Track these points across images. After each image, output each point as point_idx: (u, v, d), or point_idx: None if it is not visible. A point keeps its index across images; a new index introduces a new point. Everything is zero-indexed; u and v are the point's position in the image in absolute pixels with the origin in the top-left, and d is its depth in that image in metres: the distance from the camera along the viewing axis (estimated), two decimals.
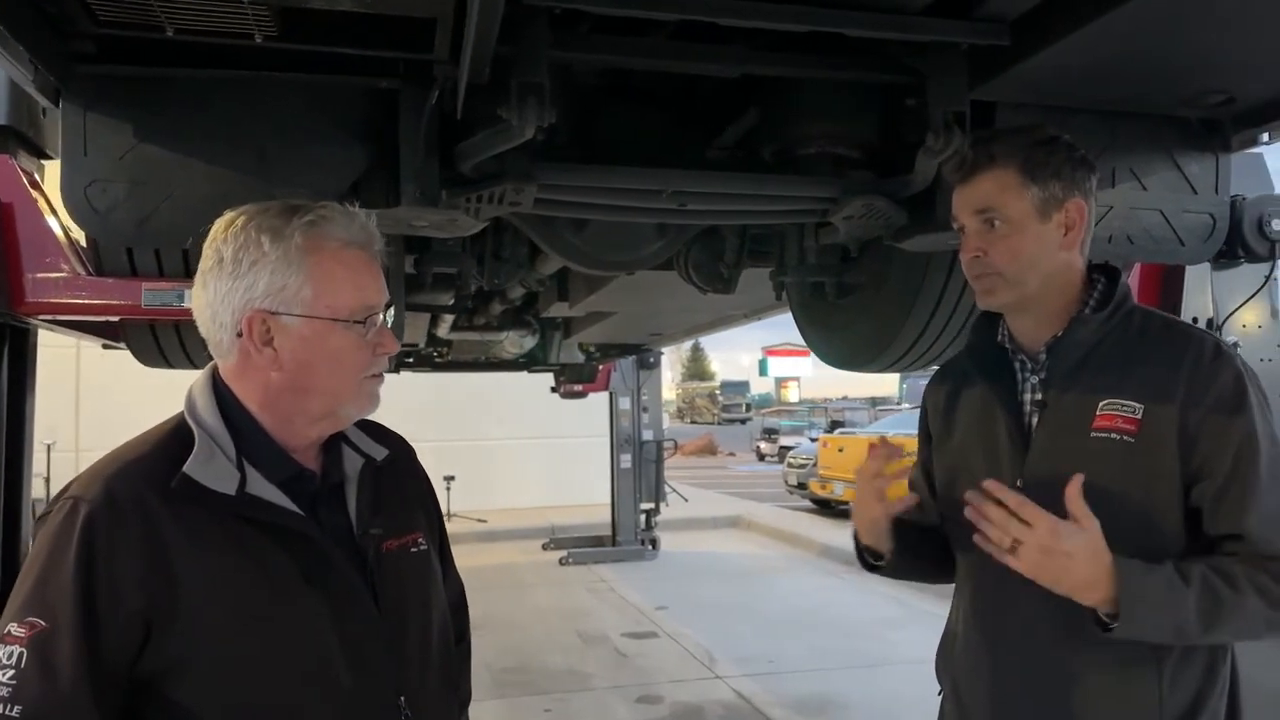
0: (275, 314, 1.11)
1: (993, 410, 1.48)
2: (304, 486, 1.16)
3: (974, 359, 1.55)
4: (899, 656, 5.94)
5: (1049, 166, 1.39)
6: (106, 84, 1.68)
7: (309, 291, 1.11)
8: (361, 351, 1.15)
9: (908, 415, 16.71)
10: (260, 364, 1.12)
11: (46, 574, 1.02)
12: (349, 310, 1.13)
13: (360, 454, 1.24)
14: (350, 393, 1.16)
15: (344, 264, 1.14)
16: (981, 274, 1.42)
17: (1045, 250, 1.40)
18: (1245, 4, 1.53)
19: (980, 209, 1.41)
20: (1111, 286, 1.44)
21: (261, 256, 1.10)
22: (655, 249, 2.58)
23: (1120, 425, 1.33)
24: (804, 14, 1.60)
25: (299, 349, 1.12)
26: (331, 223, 1.14)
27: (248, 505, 1.09)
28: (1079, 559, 1.24)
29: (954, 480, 1.54)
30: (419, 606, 1.24)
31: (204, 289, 1.14)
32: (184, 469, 1.06)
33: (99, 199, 1.71)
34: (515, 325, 5.41)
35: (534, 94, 1.60)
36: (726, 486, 17.01)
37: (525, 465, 12.25)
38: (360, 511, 1.20)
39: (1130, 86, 1.86)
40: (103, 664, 1.00)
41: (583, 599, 7.82)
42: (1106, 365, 1.39)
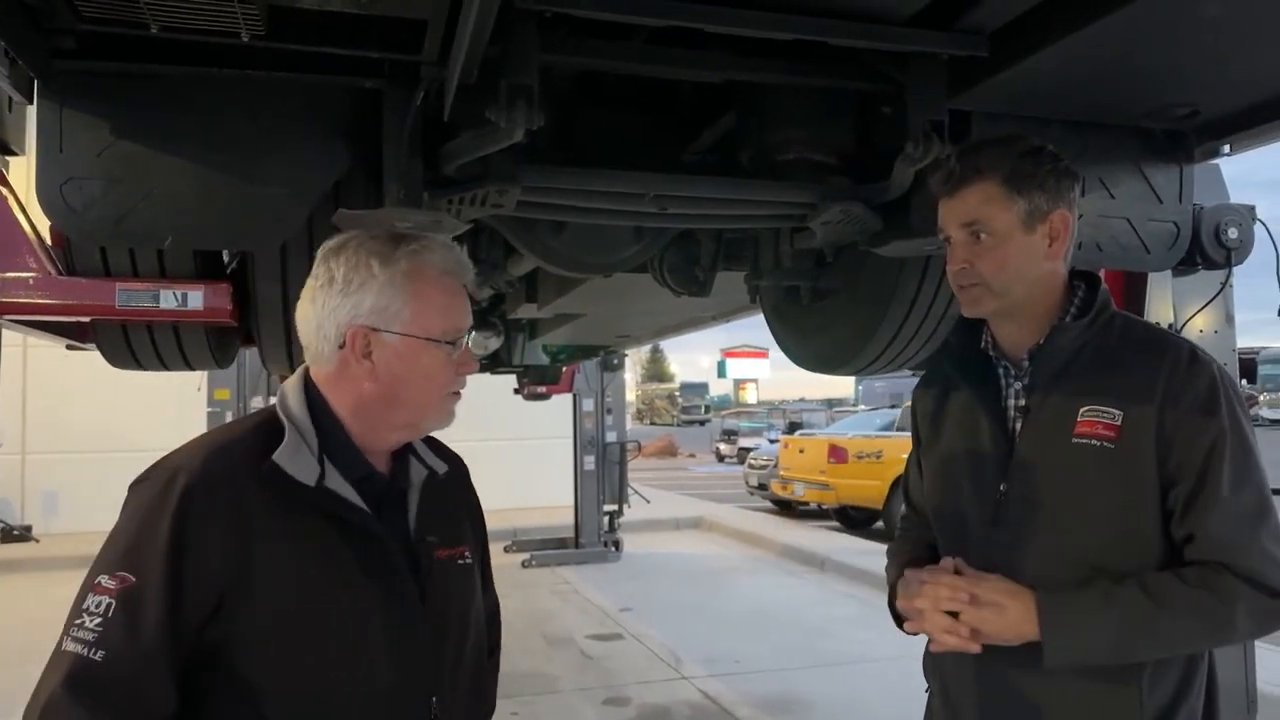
0: (377, 330, 1.21)
1: (977, 416, 1.51)
2: (373, 487, 1.25)
3: (957, 365, 1.58)
4: (862, 655, 6.02)
5: (1034, 179, 1.40)
6: (83, 80, 1.65)
7: (409, 313, 1.22)
8: (448, 370, 1.26)
9: (864, 417, 16.93)
10: (357, 374, 1.23)
11: (141, 534, 1.10)
12: (441, 331, 1.24)
13: (425, 465, 1.34)
14: (434, 407, 1.27)
15: (441, 290, 1.26)
16: (968, 284, 1.44)
17: (1030, 261, 1.42)
18: (1211, 23, 1.58)
19: (967, 222, 1.42)
20: (1092, 294, 1.47)
21: (370, 278, 1.21)
22: (633, 252, 2.60)
23: (1100, 432, 1.36)
24: (791, 22, 1.63)
25: (394, 363, 1.22)
26: (433, 252, 1.26)
27: (324, 497, 1.18)
28: (1006, 601, 1.34)
29: (941, 485, 1.58)
30: (459, 615, 1.31)
31: (312, 303, 1.24)
32: (273, 457, 1.16)
33: (75, 197, 1.68)
34: (480, 327, 5.39)
35: (523, 96, 1.61)
36: (687, 488, 17.06)
37: (486, 467, 12.06)
38: (420, 518, 1.30)
39: (1101, 99, 1.92)
40: (180, 624, 1.08)
41: (547, 601, 7.79)
42: (1087, 372, 1.41)
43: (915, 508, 1.71)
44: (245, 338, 2.54)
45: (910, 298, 2.51)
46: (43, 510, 10.02)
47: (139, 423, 9.08)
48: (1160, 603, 1.29)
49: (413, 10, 1.49)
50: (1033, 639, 1.33)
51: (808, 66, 1.90)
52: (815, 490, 12.41)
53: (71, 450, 10.04)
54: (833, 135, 2.15)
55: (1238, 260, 2.75)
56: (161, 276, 2.07)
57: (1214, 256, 2.77)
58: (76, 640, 1.06)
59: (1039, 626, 1.32)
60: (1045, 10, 1.62)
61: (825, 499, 12.33)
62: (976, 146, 1.47)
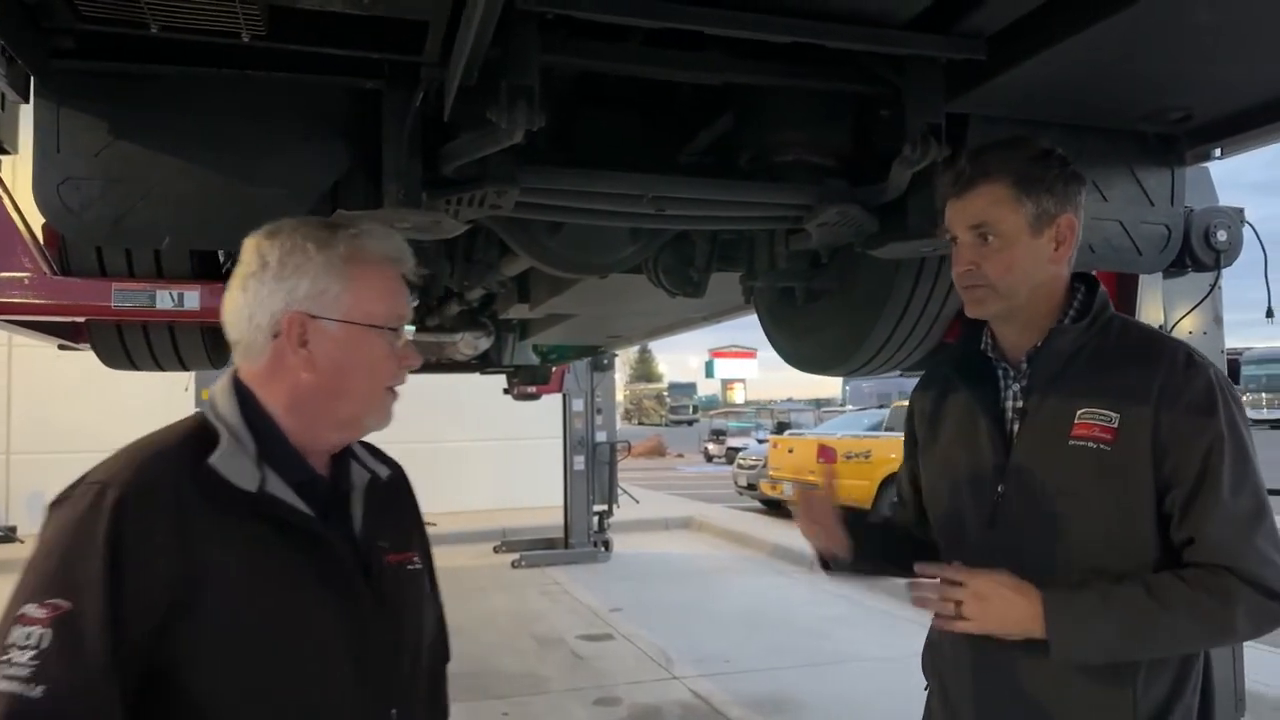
0: (314, 317, 1.15)
1: (976, 417, 1.52)
2: (315, 491, 1.18)
3: (957, 366, 1.59)
4: (852, 654, 6.05)
5: (1043, 182, 1.41)
6: (81, 79, 1.64)
7: (348, 298, 1.16)
8: (390, 360, 1.20)
9: (852, 417, 17.00)
10: (293, 365, 1.15)
11: (71, 556, 1.02)
12: (383, 318, 1.18)
13: (366, 469, 1.28)
14: (376, 401, 1.21)
15: (381, 275, 1.20)
16: (973, 285, 1.45)
17: (1037, 264, 1.43)
18: (1205, 28, 1.60)
19: (975, 224, 1.43)
20: (1090, 296, 1.48)
21: (306, 261, 1.15)
22: (629, 252, 2.60)
23: (1097, 434, 1.37)
24: (790, 25, 1.63)
25: (333, 352, 1.16)
26: (373, 237, 1.21)
27: (267, 503, 1.11)
28: (1011, 596, 1.35)
29: (940, 485, 1.59)
30: (414, 621, 1.27)
31: (243, 291, 1.16)
32: (210, 461, 1.08)
33: (72, 197, 1.67)
34: (470, 327, 5.37)
35: (524, 97, 1.61)
36: (676, 488, 17.08)
37: (474, 467, 12.14)
38: (366, 523, 1.23)
39: (1096, 102, 1.94)
40: (124, 647, 1.00)
41: (536, 602, 7.79)
42: (1085, 374, 1.42)
43: (905, 503, 1.74)
44: None
45: (905, 299, 2.53)
46: (28, 511, 9.94)
47: (125, 423, 8.93)
48: (1162, 603, 1.31)
49: (414, 11, 1.49)
50: (1036, 635, 1.34)
51: (806, 69, 1.91)
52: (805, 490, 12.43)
53: (57, 450, 9.93)
54: (830, 137, 2.16)
55: (1227, 262, 2.78)
56: (158, 277, 2.05)
57: (1203, 258, 2.81)
58: (9, 679, 0.96)
59: (1044, 623, 1.33)
60: (1043, 15, 1.63)
61: None
62: (986, 148, 1.47)
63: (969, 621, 1.36)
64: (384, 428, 1.23)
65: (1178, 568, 1.35)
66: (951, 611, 1.37)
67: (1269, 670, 4.50)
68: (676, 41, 1.81)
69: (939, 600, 1.38)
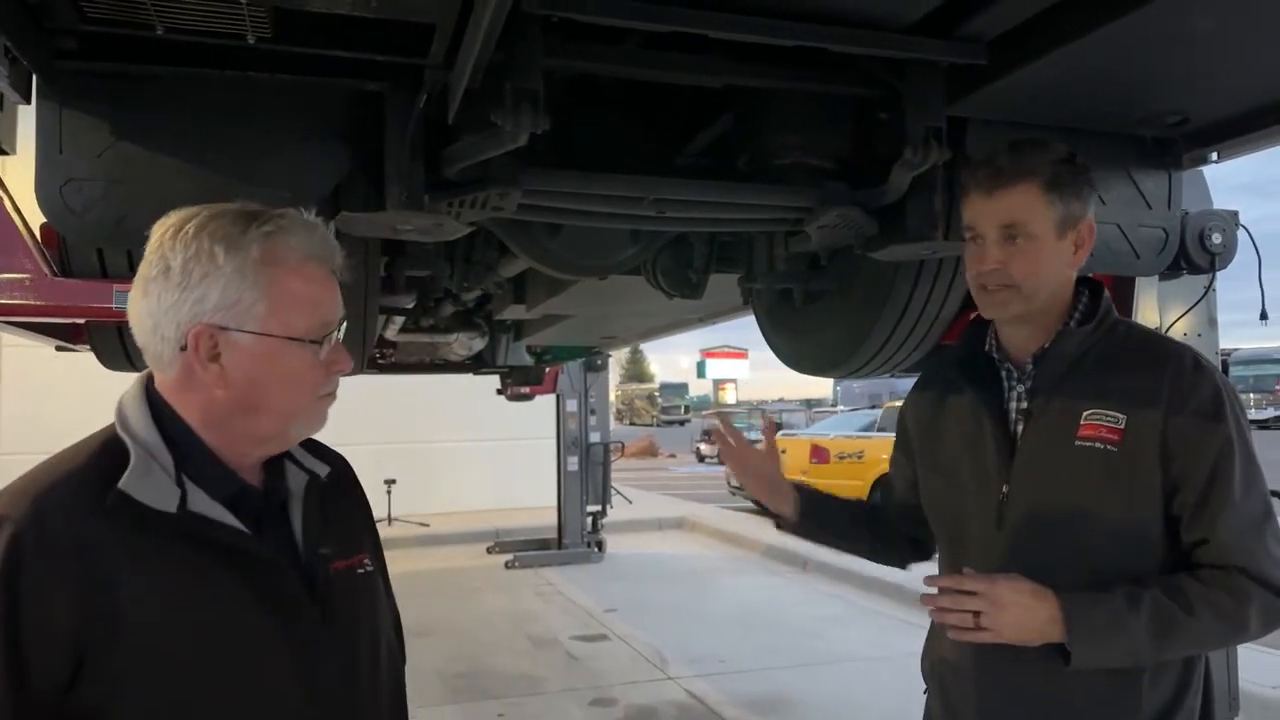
0: (225, 330, 1.03)
1: (980, 418, 1.52)
2: (248, 504, 1.09)
3: (960, 367, 1.59)
4: (846, 654, 6.07)
5: (1071, 186, 1.42)
6: (84, 80, 1.63)
7: (263, 308, 1.04)
8: (315, 371, 1.09)
9: (845, 417, 17.03)
10: (204, 381, 1.05)
11: None
12: (305, 329, 1.07)
13: (304, 470, 1.17)
14: (302, 413, 1.10)
15: (303, 279, 1.07)
16: (996, 286, 1.44)
17: (1058, 267, 1.44)
18: (1205, 33, 1.61)
19: (1006, 223, 1.42)
20: (1095, 299, 1.49)
21: (214, 269, 1.02)
22: (629, 254, 2.61)
23: (1104, 435, 1.38)
24: (795, 29, 1.64)
25: (249, 367, 1.05)
26: (291, 234, 1.07)
27: (191, 523, 1.01)
28: (1030, 603, 1.34)
29: (941, 486, 1.60)
30: (370, 630, 1.18)
31: (145, 296, 1.05)
32: (119, 485, 0.98)
33: (74, 198, 1.66)
34: (465, 327, 5.37)
35: (529, 100, 1.61)
36: (668, 488, 17.09)
37: (467, 468, 12.12)
38: (307, 530, 1.14)
39: (1095, 106, 1.95)
40: (31, 697, 0.92)
41: (531, 602, 7.79)
42: (1091, 376, 1.43)
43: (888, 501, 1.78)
44: None
45: (904, 301, 2.54)
46: None
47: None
48: (1182, 605, 1.32)
49: (421, 14, 1.48)
50: (1054, 640, 1.34)
51: (806, 72, 1.92)
52: None
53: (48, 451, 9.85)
54: (830, 140, 2.17)
55: (1221, 265, 2.80)
56: None
57: (1198, 261, 2.82)
58: None
59: (1065, 630, 1.33)
60: (1044, 20, 1.64)
61: None
62: (1018, 148, 1.46)
63: (988, 632, 1.34)
64: (316, 432, 1.15)
65: (1187, 568, 1.37)
66: (970, 623, 1.35)
67: (1262, 670, 4.54)
68: (676, 44, 1.81)
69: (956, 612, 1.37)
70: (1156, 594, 1.33)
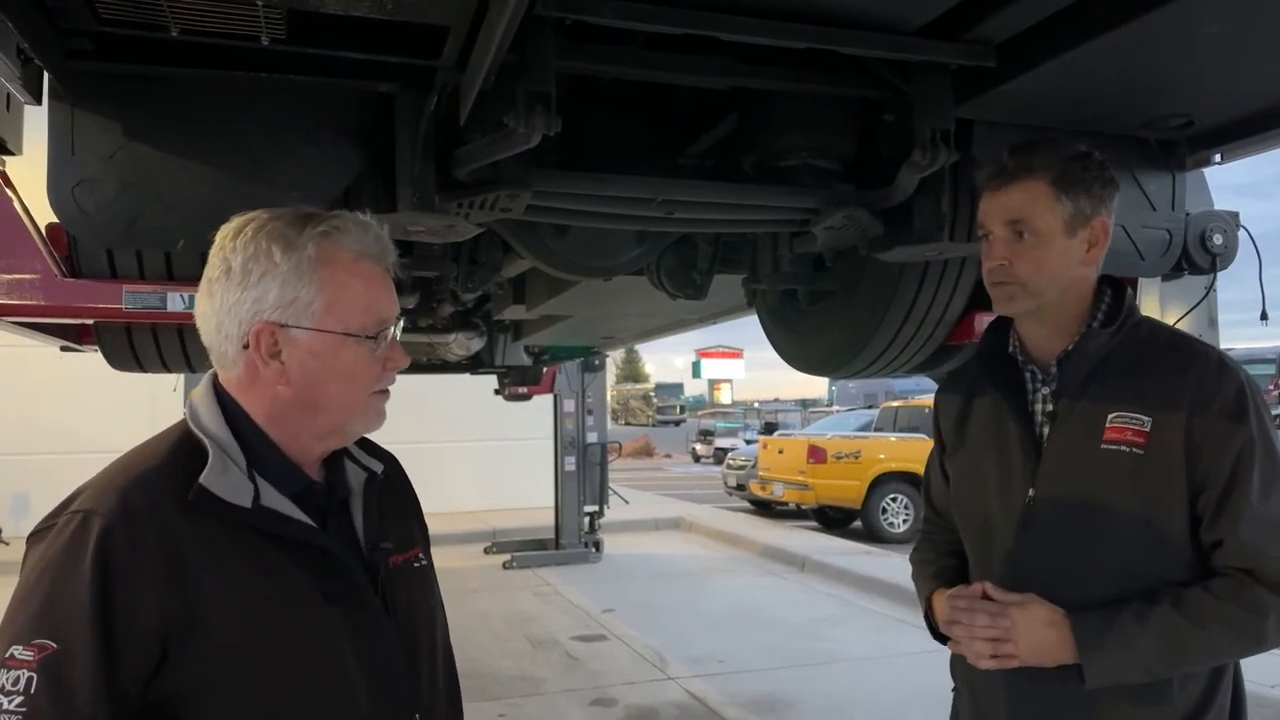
0: (285, 326, 1.07)
1: (1004, 420, 1.51)
2: (313, 500, 1.12)
3: (984, 368, 1.58)
4: (844, 654, 6.08)
5: (1082, 183, 1.41)
6: (97, 81, 1.63)
7: (320, 304, 1.08)
8: (372, 367, 1.12)
9: (841, 417, 17.06)
10: (267, 378, 1.08)
11: (55, 593, 0.96)
12: (361, 325, 1.10)
13: (361, 467, 1.21)
14: (359, 409, 1.13)
15: (358, 276, 1.10)
16: (1003, 282, 1.44)
17: (1068, 265, 1.43)
18: (1212, 37, 1.63)
19: (1011, 219, 1.42)
20: (1118, 300, 1.48)
21: (272, 267, 1.06)
22: (634, 255, 2.62)
23: (1130, 437, 1.37)
24: (805, 31, 1.65)
25: (308, 363, 1.08)
26: (345, 234, 1.10)
27: (264, 519, 1.05)
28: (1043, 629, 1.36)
29: (969, 489, 1.58)
30: (427, 622, 1.22)
31: (209, 298, 1.09)
32: (200, 480, 1.02)
33: (87, 199, 1.67)
34: (463, 327, 5.36)
35: (541, 102, 1.62)
36: (665, 488, 17.10)
37: (463, 468, 12.12)
38: (368, 526, 1.17)
39: (1101, 109, 1.97)
40: (119, 686, 0.95)
41: (529, 603, 7.79)
42: (1116, 378, 1.42)
43: (938, 510, 1.71)
44: None
45: (909, 302, 2.55)
46: (13, 512, 9.84)
47: (113, 423, 8.94)
48: (1193, 621, 1.32)
49: (435, 16, 1.49)
50: (1069, 662, 1.35)
51: (814, 74, 1.93)
52: (794, 490, 12.50)
53: (43, 451, 9.87)
54: (836, 141, 2.18)
55: (1222, 265, 2.82)
56: (169, 278, 2.05)
57: (1200, 262, 2.84)
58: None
59: (1077, 653, 1.34)
60: (1053, 23, 1.65)
61: (804, 499, 12.42)
62: (1029, 145, 1.45)
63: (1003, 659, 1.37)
64: (375, 430, 1.17)
65: (1204, 572, 1.36)
66: (987, 652, 1.38)
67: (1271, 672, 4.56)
68: (682, 45, 1.82)
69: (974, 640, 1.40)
70: (1167, 610, 1.33)
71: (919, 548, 1.73)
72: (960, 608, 1.43)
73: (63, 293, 1.97)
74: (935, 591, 1.58)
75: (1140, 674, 1.35)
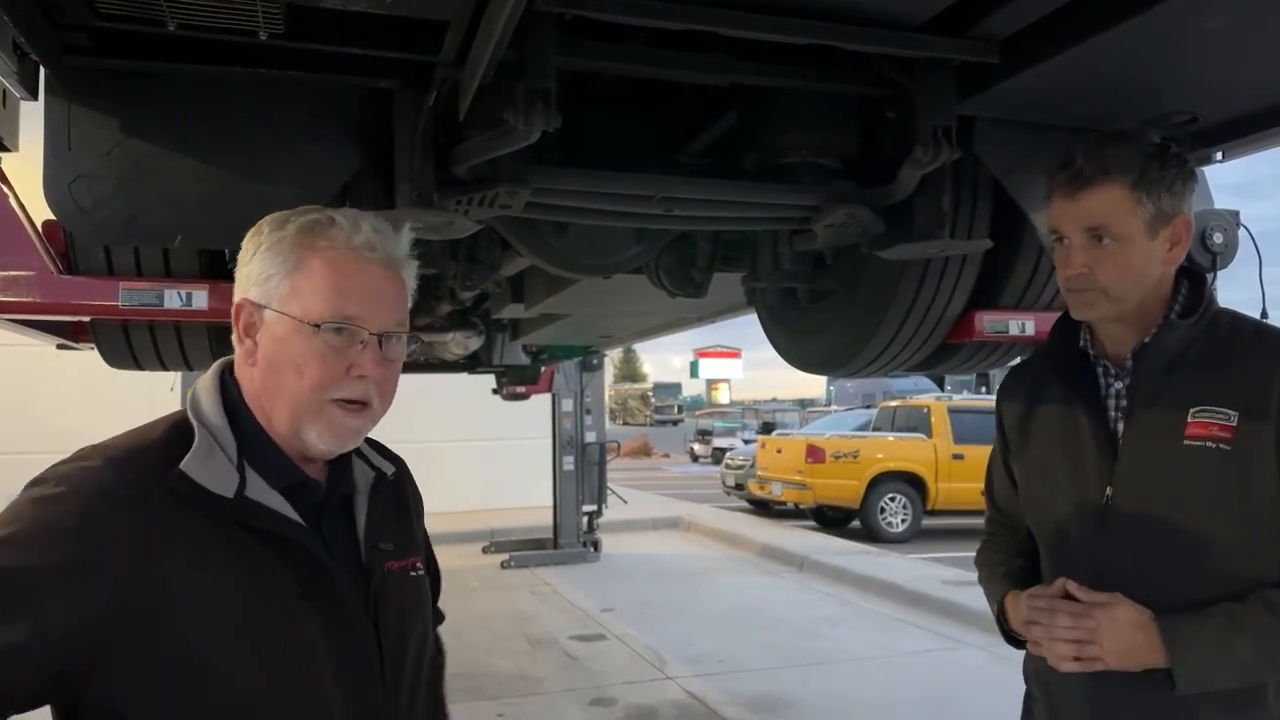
0: (260, 306, 1.05)
1: (1076, 416, 1.44)
2: (308, 496, 1.08)
3: (1052, 363, 1.52)
4: (844, 654, 6.07)
5: (1162, 182, 1.33)
6: (94, 77, 1.62)
7: (286, 287, 1.04)
8: (325, 364, 1.04)
9: (840, 417, 17.07)
10: (243, 356, 1.07)
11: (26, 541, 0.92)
12: (318, 314, 1.03)
13: (371, 467, 1.18)
14: (309, 409, 1.05)
15: (331, 266, 1.04)
16: (1084, 289, 1.37)
17: (1151, 267, 1.35)
18: (1215, 33, 1.62)
19: (1091, 225, 1.34)
20: (1196, 290, 1.40)
21: (259, 245, 1.07)
22: (634, 253, 2.61)
23: (1215, 433, 1.31)
24: (808, 27, 1.64)
25: (269, 346, 1.05)
26: (334, 226, 1.06)
27: (245, 510, 1.00)
28: (1129, 631, 1.29)
29: (1037, 488, 1.52)
30: (415, 632, 1.17)
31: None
32: (180, 466, 0.98)
33: (84, 196, 1.66)
34: (461, 326, 5.35)
35: (541, 98, 1.61)
36: (663, 488, 17.10)
37: (461, 468, 12.09)
38: (370, 526, 1.13)
39: (1103, 106, 1.96)
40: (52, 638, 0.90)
41: (527, 602, 7.77)
42: (1196, 371, 1.36)
43: (1001, 509, 1.65)
44: None
45: (910, 299, 2.54)
46: None
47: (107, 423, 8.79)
48: None
49: (435, 11, 1.48)
50: (1158, 666, 1.29)
51: (815, 70, 1.92)
52: (793, 490, 12.50)
53: (36, 451, 9.78)
54: (837, 139, 2.17)
55: (1222, 264, 2.80)
56: (166, 275, 2.04)
57: (1200, 260, 2.83)
58: None
59: (1168, 658, 1.28)
60: (1056, 19, 1.64)
61: (803, 499, 12.42)
62: (1101, 143, 1.37)
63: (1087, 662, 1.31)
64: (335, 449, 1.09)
65: None
66: (1070, 654, 1.32)
67: None
68: (682, 42, 1.81)
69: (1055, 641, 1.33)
70: (1261, 612, 1.27)
71: (984, 550, 1.66)
72: (1040, 608, 1.36)
73: (59, 290, 1.96)
74: (1009, 593, 1.50)
75: (1233, 679, 1.29)
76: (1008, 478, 1.61)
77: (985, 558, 1.64)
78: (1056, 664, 1.34)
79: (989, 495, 1.69)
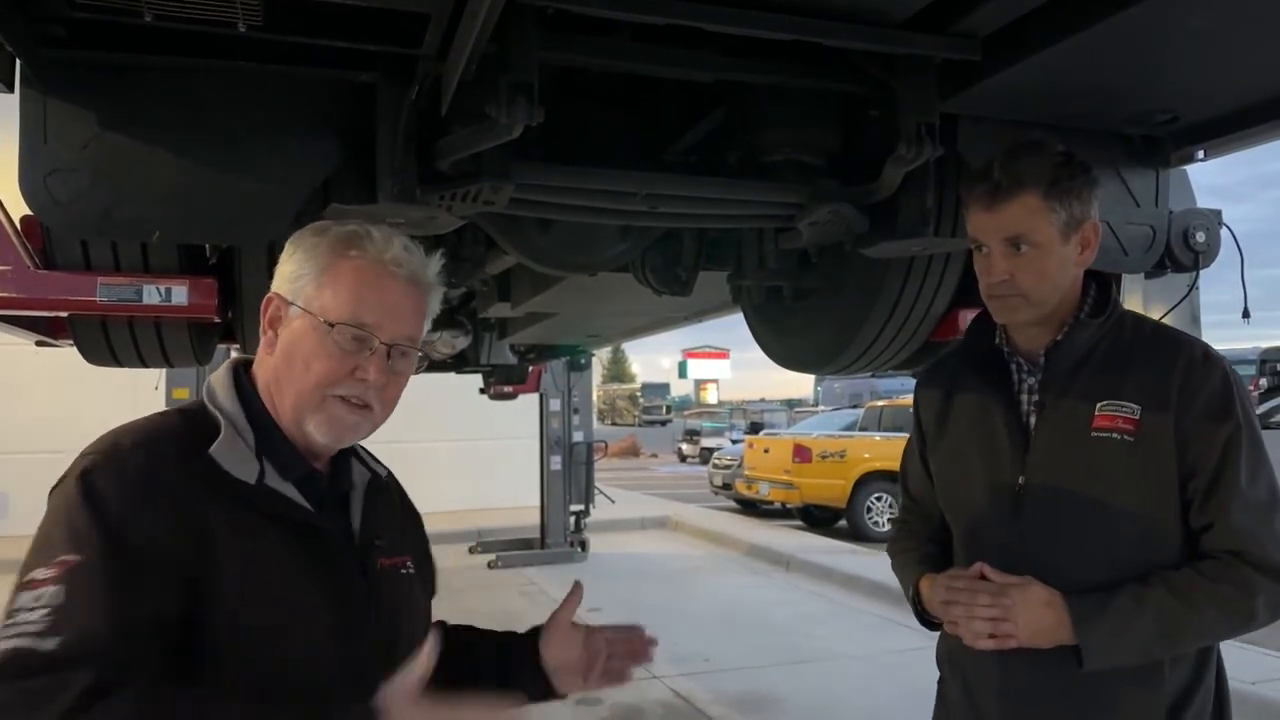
0: (287, 301, 1.14)
1: (991, 410, 1.53)
2: (313, 488, 1.16)
3: (968, 360, 1.61)
4: (828, 652, 6.08)
5: (1071, 191, 1.43)
6: (70, 69, 1.60)
7: (312, 286, 1.13)
8: (332, 362, 1.11)
9: (827, 417, 17.10)
10: (265, 345, 1.16)
11: (75, 520, 0.98)
12: (336, 315, 1.11)
13: (367, 468, 1.27)
14: (310, 401, 1.12)
15: (356, 273, 1.13)
16: (1007, 295, 1.45)
17: (1066, 270, 1.45)
18: (1197, 32, 1.63)
19: (1010, 235, 1.43)
20: (1104, 292, 1.51)
21: (297, 248, 1.16)
22: (619, 250, 2.60)
23: (1120, 425, 1.41)
24: (791, 23, 1.64)
25: (288, 339, 1.14)
26: (368, 239, 1.15)
27: (265, 497, 1.08)
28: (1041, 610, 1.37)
29: (953, 481, 1.61)
30: (406, 624, 1.23)
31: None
32: (210, 451, 1.06)
33: (59, 189, 1.63)
34: (448, 326, 5.33)
35: (523, 92, 1.60)
36: (651, 487, 17.08)
37: (447, 468, 12.05)
38: (365, 521, 1.21)
39: (1086, 104, 1.97)
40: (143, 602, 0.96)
41: (514, 602, 7.75)
42: (1102, 368, 1.46)
43: (915, 499, 1.74)
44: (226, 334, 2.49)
45: (894, 298, 2.54)
46: None
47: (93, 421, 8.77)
48: (1187, 601, 1.35)
49: (415, 4, 1.47)
50: (1066, 643, 1.37)
51: (799, 67, 1.92)
52: (780, 489, 12.51)
53: (23, 450, 9.75)
54: (821, 136, 2.17)
55: (1205, 263, 2.82)
56: (145, 271, 2.02)
57: (1183, 260, 2.84)
58: (18, 635, 0.91)
59: (1075, 634, 1.36)
60: (1038, 17, 1.65)
61: (790, 498, 12.44)
62: (1013, 155, 1.45)
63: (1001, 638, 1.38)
64: (333, 443, 1.16)
65: (1194, 556, 1.39)
66: (985, 631, 1.39)
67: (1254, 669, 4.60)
68: (666, 37, 1.80)
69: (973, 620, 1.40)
70: (1161, 592, 1.36)
71: (897, 538, 1.74)
72: (960, 588, 1.44)
73: (36, 285, 1.94)
74: (923, 576, 1.58)
75: (1137, 655, 1.37)
76: (923, 468, 1.69)
77: (900, 545, 1.72)
78: (973, 642, 1.41)
79: (903, 485, 1.78)
